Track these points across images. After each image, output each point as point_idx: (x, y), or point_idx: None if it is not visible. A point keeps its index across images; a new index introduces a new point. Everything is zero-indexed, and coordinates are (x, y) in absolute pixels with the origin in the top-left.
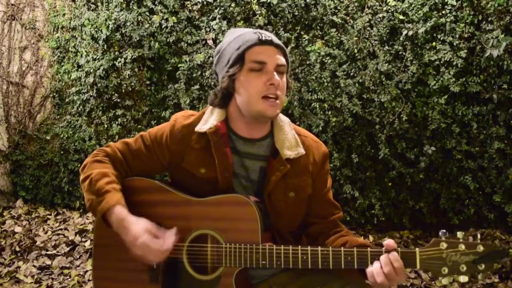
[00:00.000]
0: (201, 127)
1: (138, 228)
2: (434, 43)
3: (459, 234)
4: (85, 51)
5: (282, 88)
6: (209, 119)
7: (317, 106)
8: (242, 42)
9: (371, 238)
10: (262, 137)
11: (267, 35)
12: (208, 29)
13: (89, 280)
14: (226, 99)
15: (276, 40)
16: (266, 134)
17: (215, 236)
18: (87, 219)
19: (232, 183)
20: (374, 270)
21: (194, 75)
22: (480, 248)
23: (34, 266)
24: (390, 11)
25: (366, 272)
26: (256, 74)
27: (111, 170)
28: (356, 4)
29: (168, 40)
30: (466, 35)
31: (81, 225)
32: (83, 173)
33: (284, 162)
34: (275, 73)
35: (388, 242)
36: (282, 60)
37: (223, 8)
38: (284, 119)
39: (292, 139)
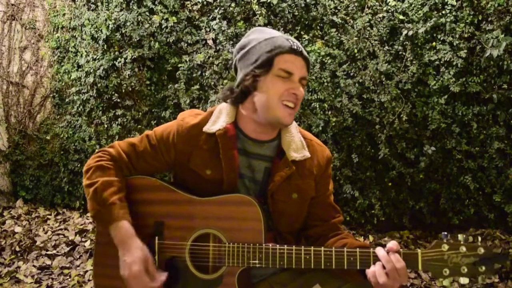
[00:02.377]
0: (210, 128)
1: (139, 255)
2: (434, 43)
3: (460, 237)
4: (85, 51)
5: (301, 99)
6: (218, 120)
7: (317, 106)
8: (274, 46)
9: (371, 238)
10: (271, 139)
11: (298, 45)
12: (208, 29)
13: (89, 280)
14: (243, 97)
15: (304, 51)
16: (275, 136)
17: (218, 236)
18: (87, 219)
19: (237, 185)
20: (377, 270)
21: (194, 75)
22: (481, 250)
23: (34, 266)
24: (390, 11)
25: (367, 272)
26: (282, 80)
27: (116, 177)
28: (356, 4)
29: (168, 40)
30: (466, 35)
31: (81, 225)
32: (87, 179)
33: (290, 164)
34: (299, 84)
35: (391, 245)
36: (305, 72)
37: (223, 8)
38: None
39: (298, 141)
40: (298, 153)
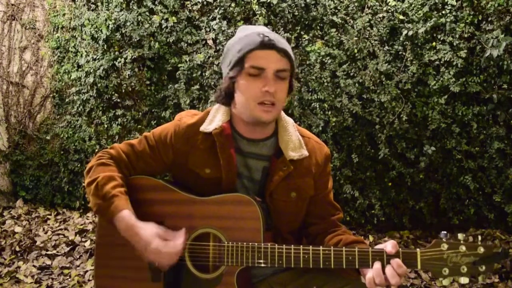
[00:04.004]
0: (207, 127)
1: (148, 233)
2: (434, 43)
3: (460, 236)
4: (85, 51)
5: (280, 95)
6: (214, 119)
7: (317, 106)
8: (244, 44)
9: (371, 238)
10: (265, 137)
11: (271, 37)
12: (208, 29)
13: (89, 280)
14: (227, 99)
15: (279, 43)
16: (270, 135)
17: (217, 235)
18: (87, 219)
19: (235, 184)
20: (374, 271)
21: (194, 75)
22: (481, 249)
23: (34, 266)
24: (390, 11)
25: (364, 275)
26: (254, 78)
27: (117, 173)
28: (356, 4)
29: (168, 40)
30: (466, 35)
31: (81, 225)
32: (89, 177)
33: (288, 163)
34: (273, 79)
35: (390, 249)
36: (283, 65)
37: (223, 8)
38: (288, 120)
39: (296, 140)
40: (296, 152)
